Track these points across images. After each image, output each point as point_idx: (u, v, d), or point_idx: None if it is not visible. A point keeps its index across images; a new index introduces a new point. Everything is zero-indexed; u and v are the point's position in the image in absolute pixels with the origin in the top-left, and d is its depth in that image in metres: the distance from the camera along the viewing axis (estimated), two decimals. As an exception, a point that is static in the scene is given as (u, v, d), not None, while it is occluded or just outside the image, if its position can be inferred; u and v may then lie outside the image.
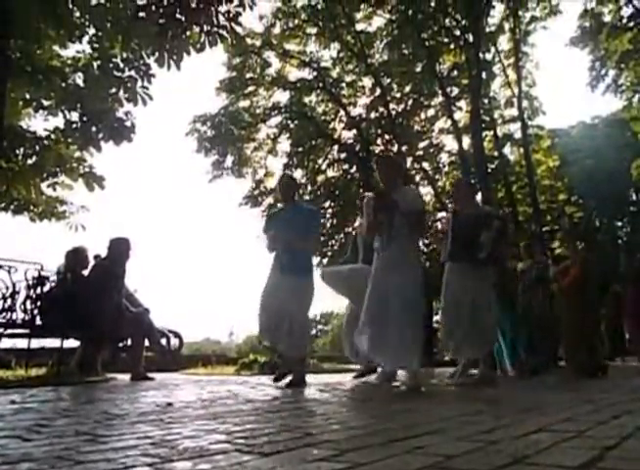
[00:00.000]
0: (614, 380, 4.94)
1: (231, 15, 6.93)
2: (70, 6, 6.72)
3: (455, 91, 16.24)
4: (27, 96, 7.29)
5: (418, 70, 15.75)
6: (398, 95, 16.93)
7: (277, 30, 16.23)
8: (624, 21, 13.18)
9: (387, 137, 16.51)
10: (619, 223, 21.64)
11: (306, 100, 17.11)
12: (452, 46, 15.38)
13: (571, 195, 20.19)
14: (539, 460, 1.27)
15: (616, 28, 13.30)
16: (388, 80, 16.56)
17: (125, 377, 5.46)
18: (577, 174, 19.11)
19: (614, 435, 1.62)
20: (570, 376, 5.47)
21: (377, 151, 15.84)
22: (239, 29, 7.55)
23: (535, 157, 17.50)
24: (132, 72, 7.13)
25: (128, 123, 7.31)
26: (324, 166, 17.42)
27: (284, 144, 17.39)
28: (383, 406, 2.87)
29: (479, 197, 13.88)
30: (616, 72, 14.14)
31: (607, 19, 13.75)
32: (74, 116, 7.34)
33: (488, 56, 16.01)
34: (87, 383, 4.79)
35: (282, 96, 17.25)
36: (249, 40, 15.40)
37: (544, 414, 2.24)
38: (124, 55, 7.13)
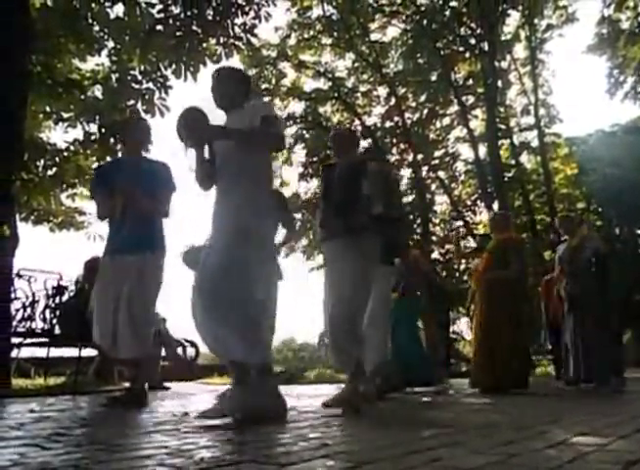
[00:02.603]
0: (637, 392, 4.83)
1: (247, 27, 7.04)
2: (90, 20, 6.88)
3: (471, 100, 16.20)
4: (48, 109, 7.42)
5: (433, 78, 15.76)
6: (413, 104, 16.93)
7: (292, 41, 16.36)
8: (643, 27, 13.05)
9: (402, 146, 16.50)
10: (640, 232, 21.23)
11: (321, 110, 17.16)
12: (467, 55, 15.37)
13: (589, 203, 19.89)
14: (561, 474, 1.25)
15: (634, 35, 13.16)
16: (404, 90, 16.58)
17: (142, 386, 5.47)
18: (596, 182, 18.83)
19: (636, 449, 1.58)
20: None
21: (392, 159, 15.83)
22: (254, 41, 7.68)
23: (553, 165, 17.34)
24: (150, 84, 7.24)
25: (146, 135, 7.40)
26: (340, 176, 17.40)
27: (299, 154, 17.44)
28: (399, 417, 2.84)
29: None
30: (635, 79, 13.95)
31: (625, 25, 13.61)
32: (93, 127, 7.46)
33: (504, 64, 15.97)
34: (105, 392, 4.82)
35: (297, 106, 17.31)
36: (264, 51, 15.57)
37: (563, 427, 2.19)
38: (142, 67, 7.26)
